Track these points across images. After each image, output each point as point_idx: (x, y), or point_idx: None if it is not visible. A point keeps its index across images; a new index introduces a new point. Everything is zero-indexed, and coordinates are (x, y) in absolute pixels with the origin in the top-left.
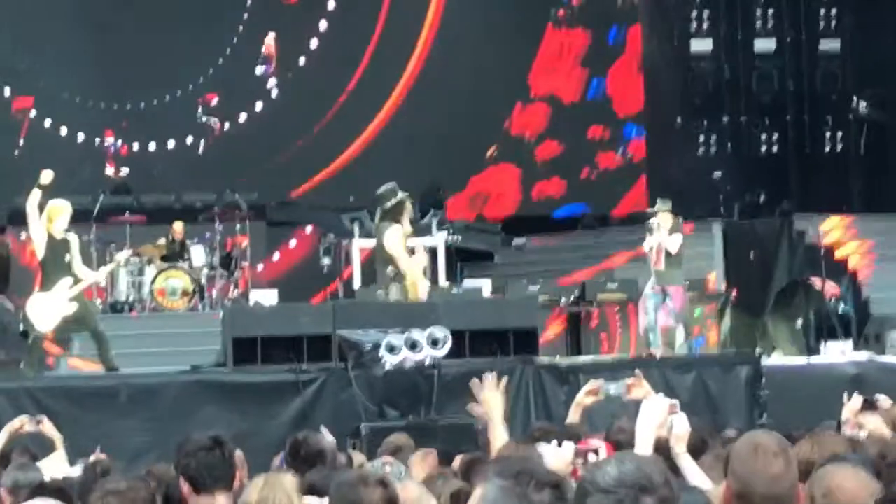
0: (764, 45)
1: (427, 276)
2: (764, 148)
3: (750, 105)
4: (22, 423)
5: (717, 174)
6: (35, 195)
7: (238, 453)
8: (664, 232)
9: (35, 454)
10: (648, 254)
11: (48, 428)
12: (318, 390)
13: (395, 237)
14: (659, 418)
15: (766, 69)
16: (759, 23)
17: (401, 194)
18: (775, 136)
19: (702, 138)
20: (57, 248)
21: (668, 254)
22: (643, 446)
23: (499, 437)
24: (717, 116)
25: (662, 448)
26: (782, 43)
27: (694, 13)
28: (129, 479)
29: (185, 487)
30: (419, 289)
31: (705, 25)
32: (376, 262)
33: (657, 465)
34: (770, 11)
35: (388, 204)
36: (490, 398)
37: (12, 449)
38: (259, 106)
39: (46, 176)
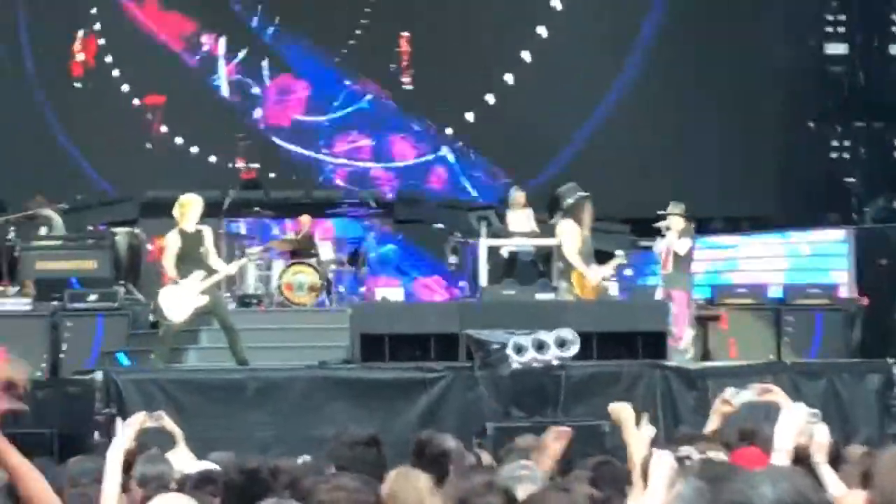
0: None
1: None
2: None
3: (884, 110)
4: (142, 420)
5: (851, 180)
6: (173, 236)
7: None
8: (674, 235)
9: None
10: (658, 256)
11: (168, 423)
12: (444, 389)
13: (569, 233)
14: (799, 426)
15: None
16: (895, 27)
17: (581, 194)
18: None
19: (835, 143)
20: (189, 240)
21: (676, 257)
22: (781, 455)
23: (638, 442)
24: (850, 121)
25: (801, 457)
26: None
27: (829, 17)
28: (358, 479)
29: None
30: (587, 289)
31: (840, 29)
32: (556, 259)
33: (807, 479)
34: None
35: (568, 202)
36: (619, 408)
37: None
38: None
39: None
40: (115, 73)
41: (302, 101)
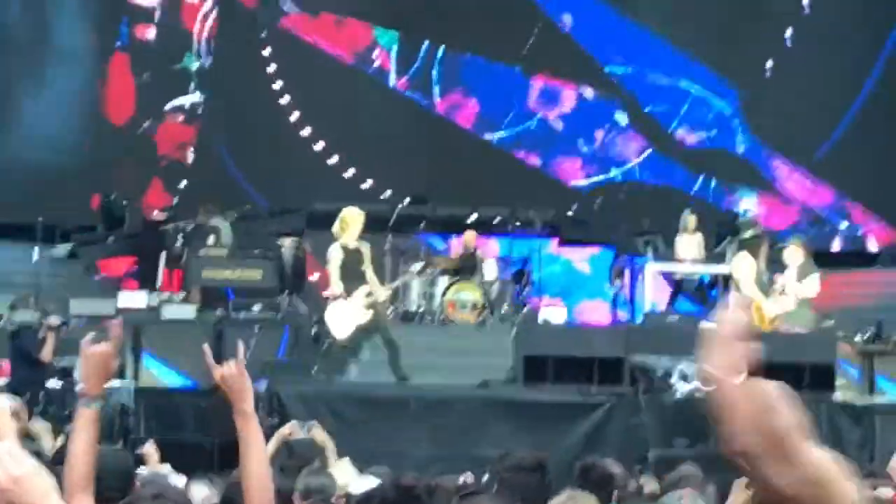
0: None
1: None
2: None
3: None
4: (292, 429)
5: None
6: (336, 251)
7: None
8: (794, 269)
9: (308, 459)
10: (776, 288)
11: (319, 434)
12: (607, 414)
13: (743, 266)
14: None
15: None
16: None
17: (761, 229)
18: None
19: None
20: (351, 256)
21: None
22: None
23: None
24: None
25: None
26: None
27: None
28: (498, 500)
29: None
30: (765, 321)
31: None
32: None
33: None
34: None
35: (746, 235)
36: None
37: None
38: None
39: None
40: (278, 86)
41: (471, 118)
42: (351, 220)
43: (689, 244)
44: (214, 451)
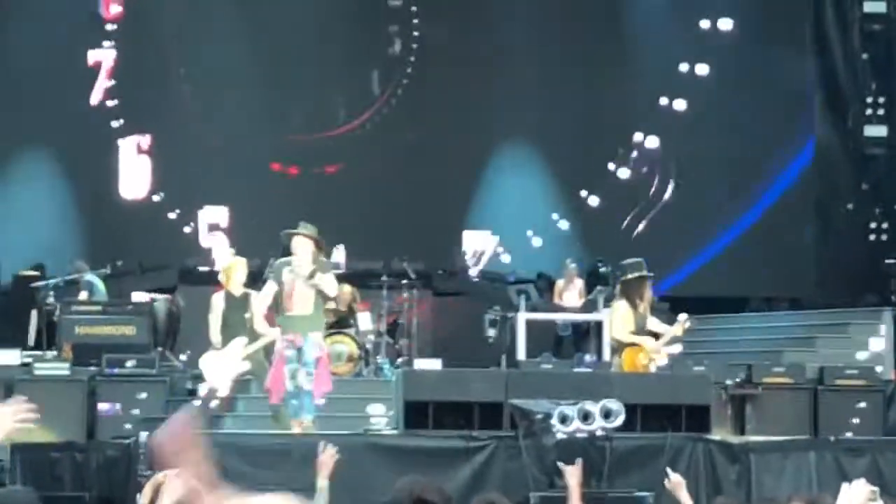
0: None
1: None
2: None
3: None
4: (165, 477)
5: (890, 261)
6: (217, 300)
7: None
8: (307, 264)
9: None
10: (289, 288)
11: (189, 480)
12: (488, 458)
13: (621, 315)
14: (859, 502)
15: None
16: None
17: (643, 272)
18: None
19: (873, 225)
20: (235, 305)
21: (318, 293)
22: None
23: None
24: (889, 203)
25: None
26: None
27: (869, 98)
28: None
29: None
30: (635, 364)
31: (880, 111)
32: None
33: None
34: None
35: (629, 277)
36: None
37: None
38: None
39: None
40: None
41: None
42: (232, 268)
43: (570, 292)
44: None
